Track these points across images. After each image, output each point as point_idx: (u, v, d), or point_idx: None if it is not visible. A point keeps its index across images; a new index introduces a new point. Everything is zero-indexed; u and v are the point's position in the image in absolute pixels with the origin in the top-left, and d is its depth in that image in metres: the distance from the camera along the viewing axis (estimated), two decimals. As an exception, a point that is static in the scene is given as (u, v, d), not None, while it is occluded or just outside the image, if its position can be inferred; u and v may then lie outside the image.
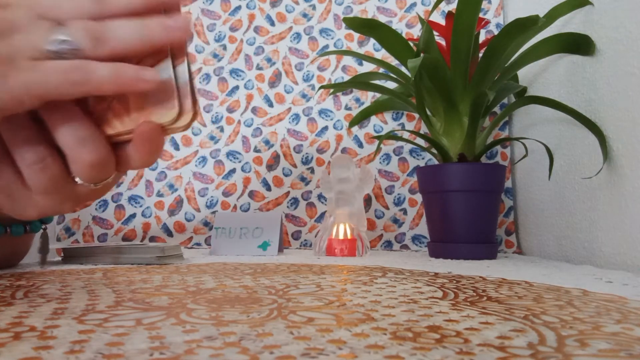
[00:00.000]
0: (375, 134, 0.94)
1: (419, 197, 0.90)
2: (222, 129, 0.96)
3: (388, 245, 0.89)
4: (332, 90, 0.95)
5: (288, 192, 0.92)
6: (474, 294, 0.32)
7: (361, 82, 0.86)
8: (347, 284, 0.37)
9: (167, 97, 0.26)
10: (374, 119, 0.95)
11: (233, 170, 0.94)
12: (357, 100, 0.96)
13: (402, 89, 0.87)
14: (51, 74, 0.24)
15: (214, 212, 0.91)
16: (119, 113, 0.26)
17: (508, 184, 0.89)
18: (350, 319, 0.24)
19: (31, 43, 0.24)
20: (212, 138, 0.96)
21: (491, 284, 0.38)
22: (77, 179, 0.27)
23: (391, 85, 0.92)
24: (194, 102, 0.26)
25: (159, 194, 0.92)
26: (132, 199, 0.92)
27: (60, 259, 0.60)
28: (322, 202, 0.92)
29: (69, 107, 0.26)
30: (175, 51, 0.26)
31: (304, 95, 0.97)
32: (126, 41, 0.25)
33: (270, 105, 0.97)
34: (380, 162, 0.92)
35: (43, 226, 0.46)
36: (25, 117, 0.26)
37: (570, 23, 0.70)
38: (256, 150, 0.95)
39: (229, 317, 0.24)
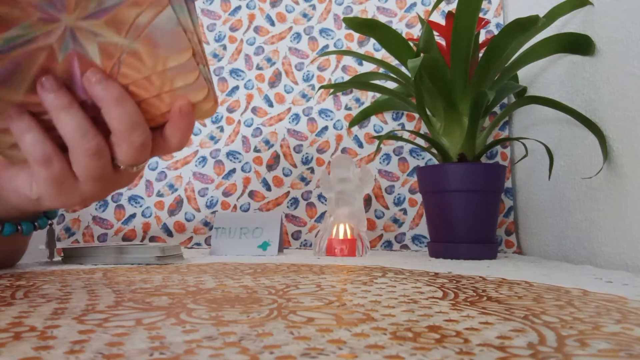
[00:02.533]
0: (375, 134, 0.94)
1: (419, 197, 0.90)
2: (222, 129, 0.96)
3: (388, 245, 0.89)
4: (332, 90, 0.95)
5: (288, 192, 0.92)
6: (474, 294, 0.32)
7: (361, 82, 0.86)
8: (347, 284, 0.37)
9: (180, 48, 0.26)
10: (374, 119, 0.95)
11: (233, 170, 0.94)
12: (357, 100, 0.96)
13: (402, 89, 0.87)
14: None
15: (214, 212, 0.91)
16: (154, 100, 0.28)
17: (508, 184, 0.89)
18: (350, 319, 0.24)
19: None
20: (212, 138, 0.96)
21: (491, 284, 0.38)
22: (119, 164, 0.29)
23: (391, 85, 0.92)
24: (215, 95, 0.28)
25: (159, 194, 0.92)
26: (132, 199, 0.92)
27: (60, 259, 0.60)
28: (322, 202, 0.92)
29: (122, 91, 0.27)
30: (195, 50, 0.27)
31: (304, 95, 0.97)
32: None
33: (270, 105, 0.97)
34: (380, 162, 0.92)
35: (49, 222, 0.47)
36: (82, 110, 0.28)
37: (570, 23, 0.70)
38: (256, 150, 0.95)
39: (229, 317, 0.24)
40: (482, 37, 0.92)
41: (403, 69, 0.81)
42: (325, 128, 0.95)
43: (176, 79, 0.27)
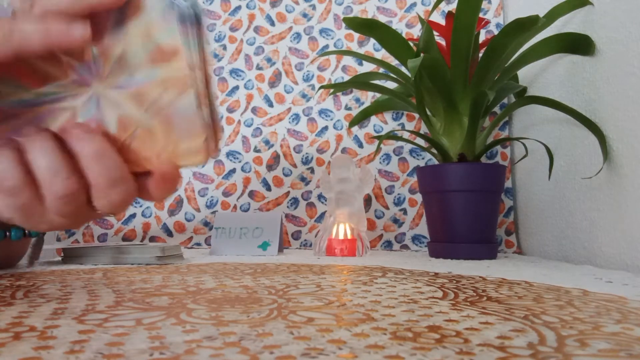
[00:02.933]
0: (375, 134, 0.94)
1: (419, 197, 0.90)
2: (222, 129, 0.96)
3: (388, 245, 0.89)
4: (332, 90, 0.95)
5: (288, 192, 0.92)
6: (474, 294, 0.32)
7: (361, 82, 0.86)
8: (347, 284, 0.37)
9: (192, 134, 0.27)
10: (374, 119, 0.95)
11: (233, 170, 0.94)
12: (357, 100, 0.96)
13: (402, 89, 0.87)
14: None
15: (214, 212, 0.91)
16: (143, 145, 0.28)
17: (508, 184, 0.89)
18: (350, 319, 0.24)
19: None
20: (212, 138, 0.95)
21: (491, 284, 0.38)
22: (97, 210, 0.28)
23: (391, 85, 0.92)
24: (217, 141, 0.28)
25: (159, 194, 0.92)
26: (132, 199, 0.92)
27: (60, 259, 0.60)
28: (322, 202, 0.92)
29: (103, 146, 0.26)
30: (199, 91, 0.27)
31: (304, 95, 0.97)
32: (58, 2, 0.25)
33: (270, 105, 0.97)
34: (380, 162, 0.92)
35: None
36: (58, 147, 0.26)
37: (570, 23, 0.70)
38: (256, 150, 0.95)
39: (229, 317, 0.24)
40: (482, 37, 0.92)
41: (403, 69, 0.81)
42: (325, 128, 0.95)
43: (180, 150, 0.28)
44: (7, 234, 0.41)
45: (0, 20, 0.24)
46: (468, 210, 0.67)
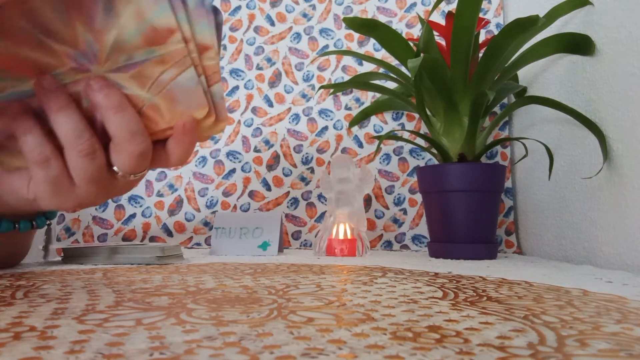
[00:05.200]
0: (375, 134, 0.94)
1: (419, 197, 0.90)
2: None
3: (388, 245, 0.89)
4: (332, 90, 0.95)
5: (288, 192, 0.92)
6: (474, 294, 0.32)
7: (361, 82, 0.86)
8: (347, 284, 0.37)
9: (196, 102, 0.28)
10: (374, 119, 0.95)
11: (233, 170, 0.94)
12: (357, 100, 0.96)
13: (402, 89, 0.87)
14: None
15: (214, 212, 0.91)
16: (155, 114, 0.29)
17: (508, 184, 0.89)
18: (350, 319, 0.24)
19: None
20: (212, 138, 0.96)
21: (491, 284, 0.38)
22: (117, 171, 0.30)
23: (391, 85, 0.92)
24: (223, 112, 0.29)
25: (159, 194, 0.92)
26: (132, 199, 0.92)
27: (60, 259, 0.60)
28: (322, 202, 0.92)
29: (123, 99, 0.28)
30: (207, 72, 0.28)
31: (304, 95, 0.97)
32: None
33: (270, 105, 0.97)
34: (380, 162, 0.92)
35: (47, 222, 0.47)
36: (79, 112, 0.28)
37: (570, 23, 0.70)
38: (256, 150, 0.95)
39: (229, 317, 0.24)
40: (482, 37, 0.92)
41: (403, 69, 0.81)
42: (325, 128, 0.95)
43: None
44: (16, 225, 0.42)
45: None
46: (468, 210, 0.67)
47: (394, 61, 0.91)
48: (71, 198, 0.30)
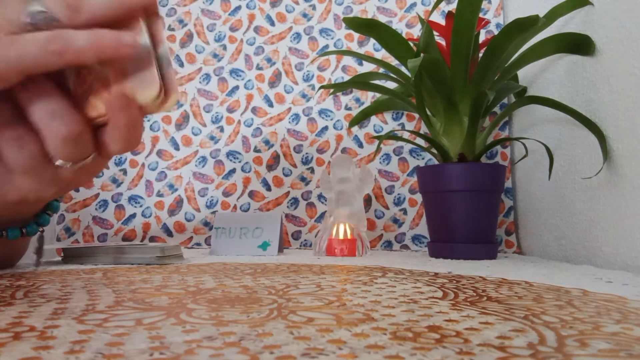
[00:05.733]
0: (375, 134, 0.94)
1: (419, 197, 0.90)
2: (222, 129, 0.96)
3: (388, 245, 0.89)
4: (332, 90, 0.95)
5: (288, 192, 0.92)
6: (474, 294, 0.32)
7: (361, 82, 0.86)
8: (347, 284, 0.37)
9: (147, 73, 0.25)
10: (374, 119, 0.95)
11: (233, 170, 0.94)
12: (357, 100, 0.96)
13: (402, 89, 0.87)
14: (31, 47, 0.23)
15: (214, 212, 0.91)
16: (100, 94, 0.26)
17: (508, 184, 0.89)
18: (350, 319, 0.24)
19: (7, 17, 0.24)
20: (212, 138, 0.96)
21: (491, 284, 0.38)
22: (56, 161, 0.27)
23: (391, 85, 0.92)
24: (172, 82, 0.26)
25: (159, 194, 0.92)
26: (132, 199, 0.92)
27: (60, 259, 0.60)
28: (322, 202, 0.92)
29: (40, 82, 0.26)
30: (153, 32, 0.26)
31: (304, 95, 0.97)
32: (101, 7, 0.25)
33: (270, 105, 0.97)
34: (380, 162, 0.92)
35: (40, 229, 0.46)
36: (1, 96, 0.26)
37: (570, 23, 0.70)
38: (256, 150, 0.95)
39: (229, 317, 0.24)
40: (482, 37, 0.92)
41: (403, 69, 0.81)
42: (325, 128, 0.95)
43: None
44: (4, 233, 0.41)
45: (39, 33, 0.24)
46: (468, 210, 0.67)
47: (394, 61, 0.91)
48: (12, 188, 0.28)
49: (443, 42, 0.75)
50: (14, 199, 0.29)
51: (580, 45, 0.66)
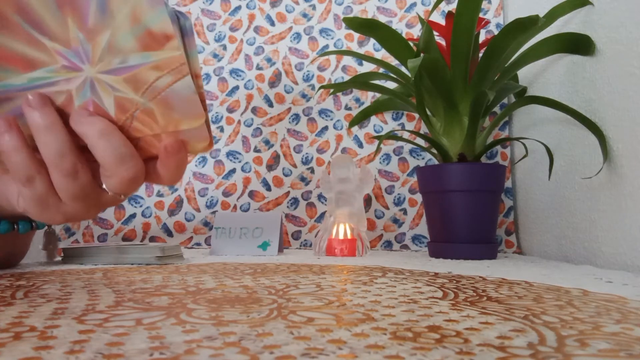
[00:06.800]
0: (375, 134, 0.94)
1: (419, 197, 0.90)
2: (222, 129, 0.96)
3: (388, 245, 0.89)
4: (332, 90, 0.95)
5: (288, 192, 0.92)
6: (474, 294, 0.32)
7: (361, 82, 0.86)
8: (347, 284, 0.37)
9: (193, 111, 0.27)
10: (374, 119, 0.95)
11: (233, 170, 0.94)
12: (357, 100, 0.96)
13: (402, 89, 0.87)
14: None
15: (214, 212, 0.91)
16: (145, 122, 0.28)
17: (508, 184, 0.89)
18: (350, 319, 0.24)
19: None
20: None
21: (491, 284, 0.38)
22: (105, 188, 0.29)
23: (391, 85, 0.92)
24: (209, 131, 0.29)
25: (159, 194, 0.92)
26: (132, 199, 0.92)
27: (60, 259, 0.60)
28: (322, 202, 0.92)
29: (107, 125, 0.27)
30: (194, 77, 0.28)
31: (304, 95, 0.97)
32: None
33: (270, 105, 0.97)
34: (380, 162, 0.92)
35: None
36: (64, 130, 0.27)
37: (570, 23, 0.70)
38: (256, 150, 0.95)
39: (229, 317, 0.24)
40: (482, 37, 0.92)
41: (403, 69, 0.81)
42: (325, 128, 0.95)
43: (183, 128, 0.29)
44: (15, 226, 0.42)
45: None
46: (468, 210, 0.67)
47: (394, 61, 0.91)
48: (59, 213, 0.29)
49: (443, 42, 0.75)
50: (61, 220, 0.30)
51: (580, 45, 0.66)
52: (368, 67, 0.96)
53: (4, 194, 0.32)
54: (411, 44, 0.74)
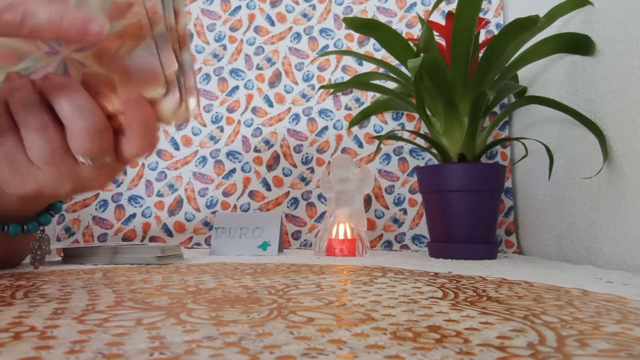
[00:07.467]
0: (375, 134, 0.94)
1: (419, 197, 0.90)
2: (222, 129, 0.96)
3: (388, 245, 0.89)
4: (332, 90, 0.95)
5: (288, 192, 0.92)
6: (474, 294, 0.32)
7: (361, 82, 0.86)
8: (347, 284, 0.37)
9: (153, 80, 0.27)
10: (374, 119, 0.95)
11: (233, 170, 0.94)
12: (357, 100, 0.96)
13: (402, 89, 0.87)
14: None
15: (214, 212, 0.91)
16: (109, 98, 0.28)
17: (508, 184, 0.89)
18: (350, 319, 0.24)
19: None
20: (212, 138, 0.96)
21: (491, 284, 0.38)
22: (77, 157, 0.29)
23: (391, 85, 0.92)
24: (187, 94, 0.28)
25: (159, 194, 0.92)
26: (132, 199, 0.92)
27: (60, 259, 0.60)
28: (322, 202, 0.92)
29: (68, 80, 0.27)
30: (180, 40, 0.27)
31: (304, 95, 0.97)
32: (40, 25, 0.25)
33: (270, 105, 0.97)
34: (380, 162, 0.92)
35: (40, 227, 0.46)
36: (30, 87, 0.27)
37: (570, 23, 0.70)
38: (256, 150, 0.95)
39: (229, 317, 0.24)
40: (482, 37, 0.92)
41: (403, 69, 0.81)
42: (325, 128, 0.95)
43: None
44: (5, 228, 0.41)
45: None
46: (468, 210, 0.67)
47: (394, 61, 0.91)
48: (30, 179, 0.29)
49: (443, 42, 0.75)
50: (31, 191, 0.29)
51: (580, 45, 0.66)
52: (368, 67, 0.96)
53: None
54: (411, 44, 0.74)
